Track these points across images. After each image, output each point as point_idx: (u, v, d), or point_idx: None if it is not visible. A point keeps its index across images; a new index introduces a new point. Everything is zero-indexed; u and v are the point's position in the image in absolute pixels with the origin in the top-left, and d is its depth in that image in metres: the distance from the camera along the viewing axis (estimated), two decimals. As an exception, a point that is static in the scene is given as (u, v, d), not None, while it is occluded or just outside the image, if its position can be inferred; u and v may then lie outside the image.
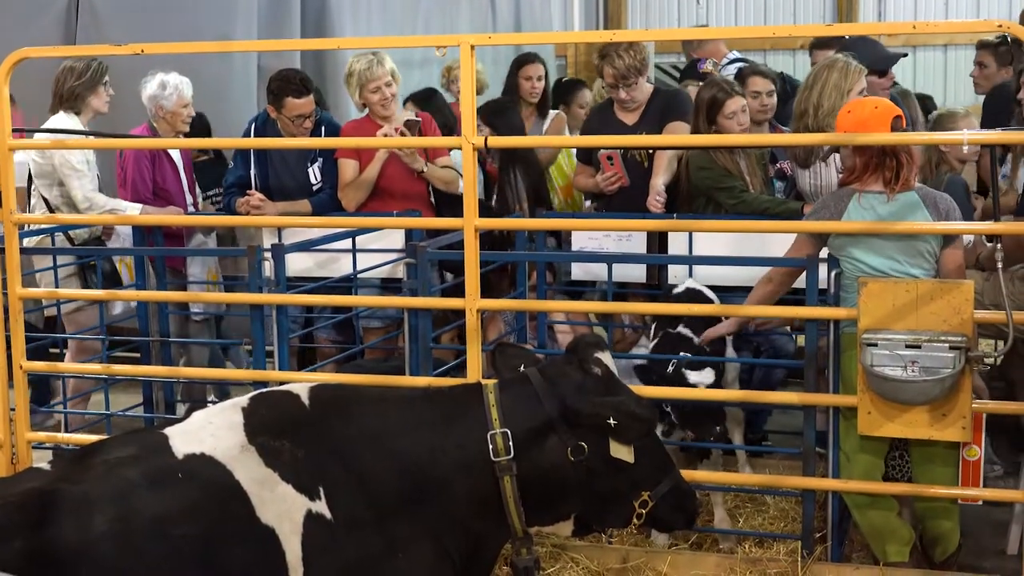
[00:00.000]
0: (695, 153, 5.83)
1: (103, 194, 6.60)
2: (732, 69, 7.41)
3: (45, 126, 6.50)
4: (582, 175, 6.50)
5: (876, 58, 6.20)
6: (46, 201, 6.56)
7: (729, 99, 5.80)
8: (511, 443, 3.28)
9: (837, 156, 5.38)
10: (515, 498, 3.29)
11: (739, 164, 5.76)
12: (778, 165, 6.10)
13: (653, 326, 5.47)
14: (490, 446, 3.27)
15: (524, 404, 3.36)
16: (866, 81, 5.83)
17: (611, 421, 3.32)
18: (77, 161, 6.45)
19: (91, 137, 6.58)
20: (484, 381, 3.62)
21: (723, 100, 5.81)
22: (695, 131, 5.84)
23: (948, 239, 4.52)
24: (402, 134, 6.25)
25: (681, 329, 5.12)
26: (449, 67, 8.12)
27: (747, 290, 5.62)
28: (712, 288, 5.46)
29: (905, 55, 6.59)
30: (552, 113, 7.83)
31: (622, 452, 3.39)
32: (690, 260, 5.55)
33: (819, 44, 7.12)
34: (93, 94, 6.62)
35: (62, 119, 6.54)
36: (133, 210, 6.52)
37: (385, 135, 6.21)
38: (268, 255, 5.19)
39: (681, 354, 4.92)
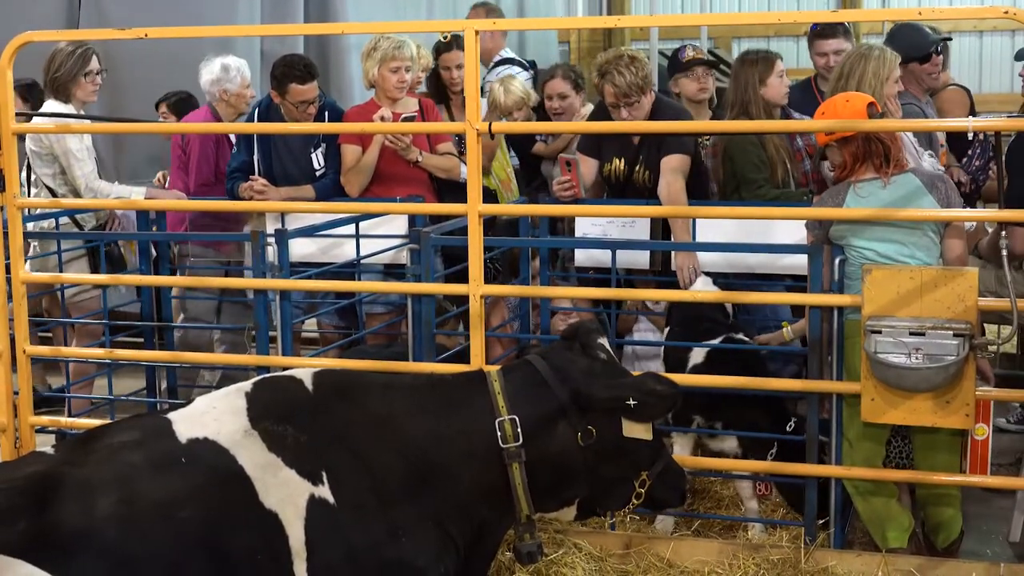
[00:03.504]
0: (730, 139, 5.83)
1: (102, 179, 6.59)
2: (502, 71, 7.14)
3: (43, 111, 6.46)
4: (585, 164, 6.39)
5: (916, 44, 6.12)
6: (49, 188, 6.55)
7: (777, 59, 5.85)
8: (519, 429, 3.29)
9: None
10: (524, 484, 3.31)
11: (772, 149, 5.75)
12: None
13: (667, 326, 5.48)
14: (498, 433, 3.29)
15: (531, 390, 3.38)
16: (908, 69, 5.84)
17: (631, 402, 3.34)
18: (76, 148, 6.42)
19: (91, 122, 6.57)
20: (487, 368, 3.62)
21: (773, 60, 5.87)
22: (737, 105, 5.82)
23: (948, 224, 4.52)
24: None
25: (741, 336, 5.20)
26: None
27: (753, 277, 5.65)
28: (717, 274, 5.48)
29: (950, 39, 6.46)
30: None
31: (638, 431, 3.42)
32: (695, 247, 5.54)
33: (821, 34, 7.01)
34: (76, 84, 6.49)
35: (53, 106, 6.48)
36: (137, 195, 6.52)
37: (382, 118, 6.19)
38: (271, 240, 5.19)
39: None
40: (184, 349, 6.66)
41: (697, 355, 5.19)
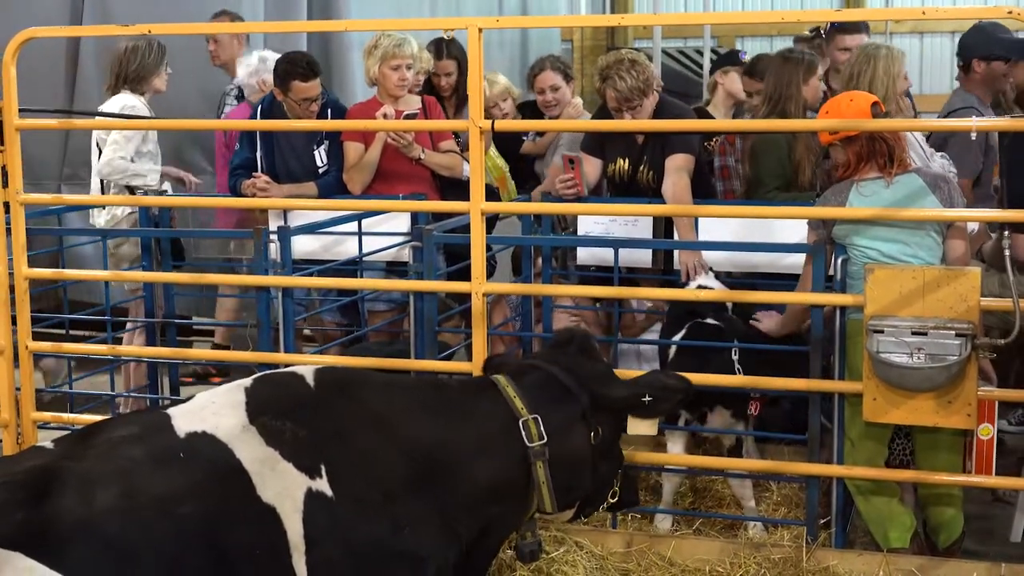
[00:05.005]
0: (760, 139, 5.81)
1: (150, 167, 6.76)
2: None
3: (106, 106, 6.71)
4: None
5: (1006, 45, 6.06)
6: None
7: (819, 62, 5.78)
8: (542, 428, 3.36)
9: None
10: (548, 483, 3.37)
11: (802, 150, 5.74)
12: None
13: (667, 316, 5.49)
14: (523, 432, 3.36)
15: (550, 391, 3.47)
16: (991, 68, 5.79)
17: (646, 398, 3.47)
18: (124, 137, 6.61)
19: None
20: (497, 376, 3.63)
21: (817, 63, 5.87)
22: (774, 100, 5.80)
23: (951, 225, 4.52)
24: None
25: (711, 320, 5.17)
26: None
27: (757, 276, 5.66)
28: (721, 273, 5.47)
29: None
30: None
31: (643, 427, 3.56)
32: (697, 245, 5.54)
33: (843, 29, 6.94)
34: (156, 75, 6.83)
35: (126, 98, 6.68)
36: (155, 174, 6.66)
37: (384, 115, 6.19)
38: (274, 237, 5.19)
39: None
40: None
41: (673, 348, 5.21)
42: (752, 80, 6.20)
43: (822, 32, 7.15)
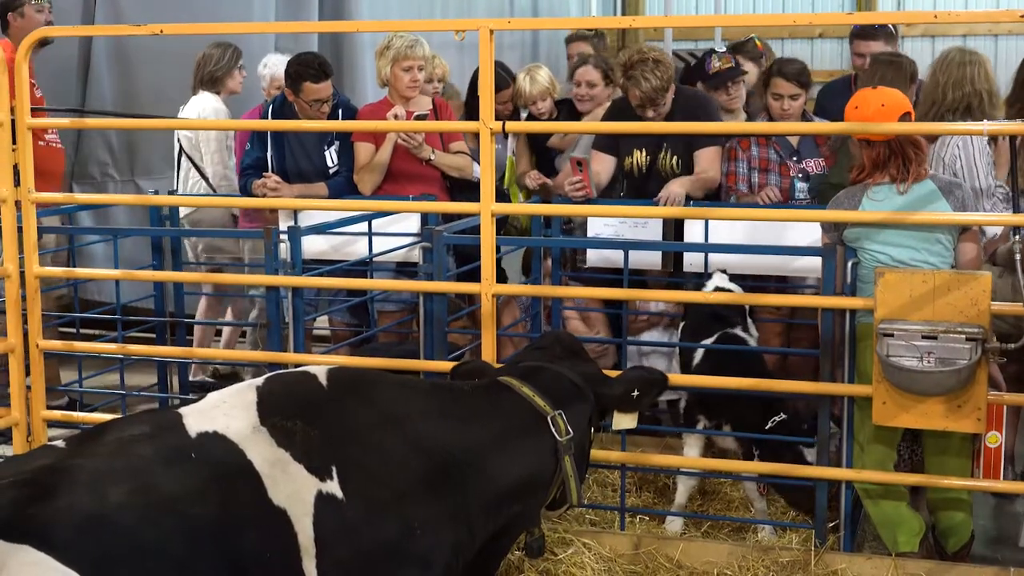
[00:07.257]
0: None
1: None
2: None
3: (188, 106, 7.07)
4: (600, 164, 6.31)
5: None
6: (202, 174, 7.03)
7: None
8: (567, 424, 3.48)
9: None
10: (575, 476, 3.49)
11: None
12: (803, 164, 6.01)
13: (683, 323, 5.50)
14: (552, 427, 3.45)
15: (564, 390, 3.56)
16: None
17: (635, 394, 3.66)
18: (217, 142, 7.03)
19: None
20: (506, 378, 3.65)
21: (916, 69, 5.77)
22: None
23: (964, 229, 4.51)
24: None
25: (739, 332, 5.21)
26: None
27: (765, 279, 5.65)
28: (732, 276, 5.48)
29: None
30: None
31: (625, 421, 3.75)
32: (706, 248, 5.54)
33: (861, 34, 6.89)
34: (230, 76, 7.23)
35: (206, 97, 7.05)
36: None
37: (395, 116, 6.20)
38: (284, 237, 5.20)
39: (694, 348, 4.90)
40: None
41: (699, 353, 5.21)
42: (787, 83, 6.07)
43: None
